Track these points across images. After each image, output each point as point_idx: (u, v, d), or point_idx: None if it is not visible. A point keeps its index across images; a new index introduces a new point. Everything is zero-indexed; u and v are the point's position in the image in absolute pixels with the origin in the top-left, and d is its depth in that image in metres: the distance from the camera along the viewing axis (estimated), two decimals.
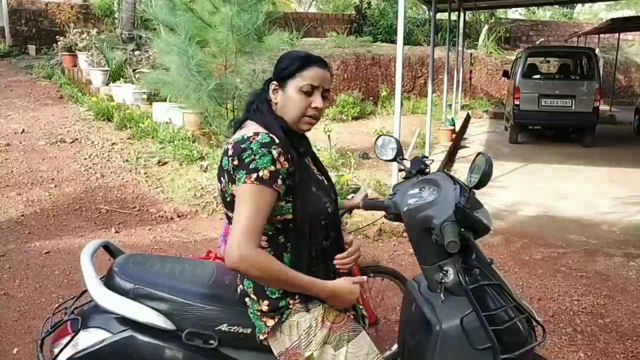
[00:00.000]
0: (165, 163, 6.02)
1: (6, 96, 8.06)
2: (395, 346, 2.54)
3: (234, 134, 1.50)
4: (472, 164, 1.50)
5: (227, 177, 1.42)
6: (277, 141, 1.39)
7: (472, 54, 15.29)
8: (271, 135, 1.40)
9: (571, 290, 3.66)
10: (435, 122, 9.10)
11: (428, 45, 13.01)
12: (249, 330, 1.49)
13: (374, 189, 5.52)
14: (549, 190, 6.49)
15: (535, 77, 9.96)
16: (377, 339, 2.49)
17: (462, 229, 1.48)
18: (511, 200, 6.04)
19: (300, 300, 1.46)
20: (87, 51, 9.01)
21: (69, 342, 1.46)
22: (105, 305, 1.47)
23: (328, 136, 6.29)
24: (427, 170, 1.91)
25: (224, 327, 1.48)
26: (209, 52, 6.16)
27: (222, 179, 1.45)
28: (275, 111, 1.50)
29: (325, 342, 1.46)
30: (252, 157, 1.35)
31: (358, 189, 5.28)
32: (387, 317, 3.04)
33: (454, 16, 13.22)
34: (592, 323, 3.21)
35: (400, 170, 4.87)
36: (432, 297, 1.60)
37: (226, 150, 1.42)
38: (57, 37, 9.69)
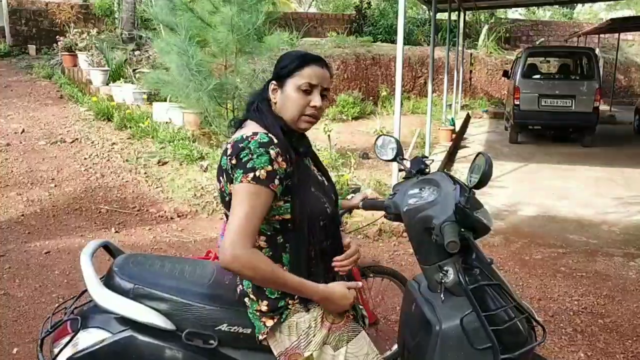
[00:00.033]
0: (165, 163, 6.02)
1: (6, 96, 8.06)
2: (395, 346, 2.54)
3: (234, 133, 1.50)
4: (472, 164, 1.50)
5: (225, 176, 1.42)
6: (275, 141, 1.39)
7: (472, 54, 15.28)
8: (270, 135, 1.40)
9: (571, 290, 3.66)
10: (435, 122, 9.09)
11: (428, 45, 13.00)
12: (248, 331, 1.49)
13: (374, 189, 5.51)
14: (549, 190, 6.49)
15: (535, 77, 9.95)
16: (377, 339, 2.49)
17: (462, 229, 1.47)
18: (511, 200, 6.04)
19: (300, 300, 1.45)
20: (87, 51, 9.00)
21: (68, 342, 1.46)
22: (105, 305, 1.47)
23: (328, 136, 6.29)
24: (427, 170, 1.91)
25: (223, 327, 1.48)
26: (209, 52, 6.16)
27: (221, 178, 1.45)
28: (275, 111, 1.50)
29: (325, 343, 1.46)
30: (249, 156, 1.35)
31: (358, 189, 5.28)
32: (387, 317, 3.04)
33: (454, 16, 13.21)
34: (592, 323, 3.21)
35: (400, 170, 4.87)
36: (432, 297, 1.60)
37: (225, 149, 1.43)
38: (57, 37, 9.67)
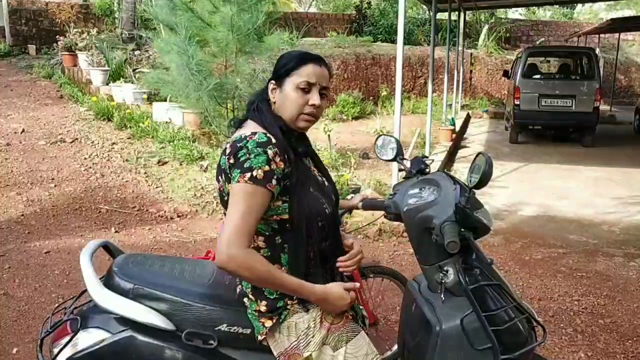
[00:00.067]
0: (165, 163, 6.02)
1: (6, 96, 8.06)
2: (395, 347, 2.54)
3: (234, 133, 1.50)
4: (472, 163, 1.50)
5: (224, 176, 1.42)
6: (273, 141, 1.38)
7: (472, 53, 15.28)
8: (268, 135, 1.40)
9: (571, 291, 3.66)
10: (435, 122, 9.09)
11: (428, 45, 13.00)
12: (248, 331, 1.49)
13: (374, 189, 5.51)
14: (549, 190, 6.49)
15: (535, 77, 9.95)
16: (377, 339, 2.49)
17: (462, 229, 1.47)
18: (511, 200, 6.04)
19: (299, 301, 1.45)
20: (87, 51, 9.00)
21: (68, 342, 1.46)
22: (105, 305, 1.47)
23: (328, 136, 6.29)
24: (427, 170, 1.91)
25: (223, 327, 1.48)
26: (209, 52, 6.16)
27: (220, 177, 1.45)
28: (275, 110, 1.50)
29: (324, 343, 1.46)
30: (247, 156, 1.35)
31: (358, 189, 5.28)
32: (387, 317, 3.04)
33: (454, 16, 13.22)
34: (592, 323, 3.20)
35: (400, 170, 4.86)
36: (432, 297, 1.60)
37: (224, 149, 1.43)
38: (57, 37, 9.67)
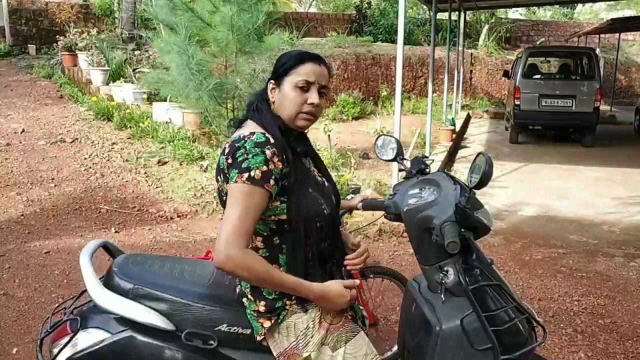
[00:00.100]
0: (165, 163, 6.01)
1: (6, 96, 8.06)
2: (395, 347, 2.53)
3: (234, 133, 1.50)
4: (472, 164, 1.50)
5: (222, 176, 1.42)
6: (272, 141, 1.38)
7: (472, 53, 15.27)
8: (267, 135, 1.40)
9: (571, 291, 3.66)
10: (435, 122, 9.09)
11: (428, 45, 13.00)
12: (248, 331, 1.48)
13: (374, 189, 5.51)
14: (549, 191, 6.48)
15: (535, 77, 9.95)
16: (377, 339, 2.49)
17: (463, 229, 1.47)
18: (511, 200, 6.04)
19: (297, 301, 1.45)
20: (87, 51, 9.00)
21: (68, 343, 1.46)
22: (105, 306, 1.47)
23: (328, 136, 6.29)
24: (427, 170, 1.91)
25: (223, 328, 1.48)
26: (209, 52, 6.16)
27: (218, 177, 1.45)
28: (274, 110, 1.50)
29: (323, 343, 1.46)
30: (244, 156, 1.35)
31: (358, 189, 5.28)
32: (387, 317, 3.03)
33: (454, 16, 13.21)
34: (592, 323, 3.20)
35: (400, 170, 4.86)
36: (432, 297, 1.60)
37: (223, 149, 1.42)
38: (57, 37, 9.67)
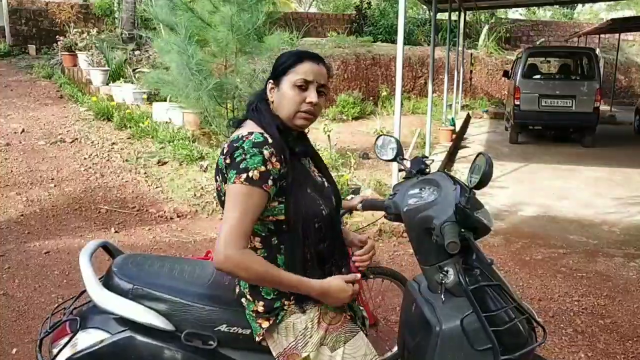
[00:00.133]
0: (165, 163, 6.01)
1: (6, 96, 8.06)
2: (395, 347, 2.53)
3: (233, 133, 1.50)
4: (472, 164, 1.50)
5: (221, 176, 1.42)
6: (270, 141, 1.38)
7: (472, 54, 15.28)
8: (265, 135, 1.39)
9: (572, 291, 3.66)
10: (435, 122, 9.09)
11: (428, 45, 12.99)
12: (248, 331, 1.48)
13: (374, 189, 5.51)
14: (549, 191, 6.48)
15: (535, 77, 9.95)
16: (377, 340, 2.49)
17: (463, 230, 1.47)
18: (511, 200, 6.04)
19: (296, 301, 1.45)
20: (87, 51, 8.99)
21: (67, 343, 1.46)
22: (104, 306, 1.47)
23: (328, 136, 6.29)
24: (427, 170, 1.90)
25: (223, 328, 1.48)
26: (209, 52, 6.15)
27: (217, 177, 1.45)
28: (273, 110, 1.50)
29: (322, 344, 1.45)
30: (242, 156, 1.34)
31: (358, 189, 5.28)
32: (387, 317, 3.03)
33: (454, 16, 13.21)
34: (592, 324, 3.20)
35: (400, 170, 4.86)
36: (432, 297, 1.60)
37: (222, 149, 1.42)
38: (57, 37, 9.67)
